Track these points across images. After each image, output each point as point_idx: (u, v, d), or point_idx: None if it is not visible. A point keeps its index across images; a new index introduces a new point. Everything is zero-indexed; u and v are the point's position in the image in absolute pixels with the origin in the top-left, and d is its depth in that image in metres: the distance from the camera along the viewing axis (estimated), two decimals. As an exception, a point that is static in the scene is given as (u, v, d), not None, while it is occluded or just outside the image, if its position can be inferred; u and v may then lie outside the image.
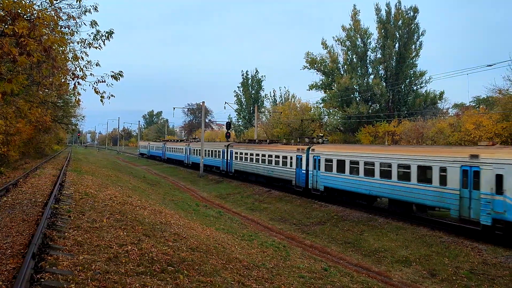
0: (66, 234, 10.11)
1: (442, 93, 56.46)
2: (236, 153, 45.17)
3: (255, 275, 11.08)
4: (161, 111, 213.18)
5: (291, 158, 33.96)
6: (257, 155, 40.09)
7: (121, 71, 12.29)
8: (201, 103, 61.06)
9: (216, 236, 16.33)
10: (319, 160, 29.91)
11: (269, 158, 37.59)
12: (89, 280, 7.17)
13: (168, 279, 8.18)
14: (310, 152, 31.31)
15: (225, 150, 48.80)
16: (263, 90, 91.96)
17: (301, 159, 32.39)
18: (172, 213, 19.61)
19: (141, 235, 11.48)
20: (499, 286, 14.53)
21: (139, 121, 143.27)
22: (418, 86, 56.39)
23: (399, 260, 17.90)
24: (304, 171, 31.79)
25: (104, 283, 7.20)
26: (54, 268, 7.55)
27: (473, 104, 61.78)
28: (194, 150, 60.25)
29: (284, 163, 35.00)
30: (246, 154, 42.55)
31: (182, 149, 66.97)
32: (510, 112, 34.34)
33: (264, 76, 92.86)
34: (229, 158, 47.30)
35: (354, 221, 24.17)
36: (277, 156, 36.35)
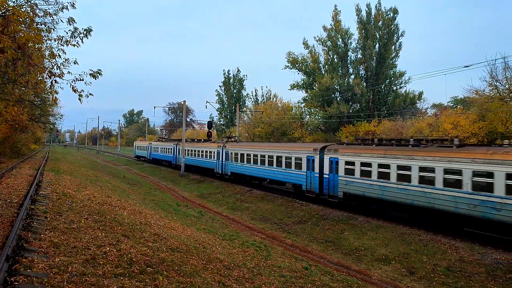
0: (42, 235, 9.88)
1: (421, 93, 57.40)
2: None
3: (236, 275, 11.04)
4: (142, 110, 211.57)
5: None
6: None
7: (100, 70, 12.09)
8: (182, 102, 60.65)
9: (196, 236, 16.22)
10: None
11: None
12: (65, 283, 7.01)
13: (147, 280, 8.07)
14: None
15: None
16: (245, 90, 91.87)
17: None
18: (152, 213, 19.40)
19: (120, 235, 11.31)
20: (475, 283, 14.83)
21: (119, 120, 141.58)
22: (397, 86, 57.18)
23: (379, 258, 18.10)
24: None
25: (81, 285, 7.05)
26: (29, 270, 7.36)
27: (451, 104, 63.10)
28: (237, 154, 40.47)
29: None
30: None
31: (212, 152, 46.75)
32: (486, 112, 35.09)
33: (246, 75, 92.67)
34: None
35: (335, 220, 24.34)
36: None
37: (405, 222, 22.12)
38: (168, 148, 64.22)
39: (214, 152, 46.65)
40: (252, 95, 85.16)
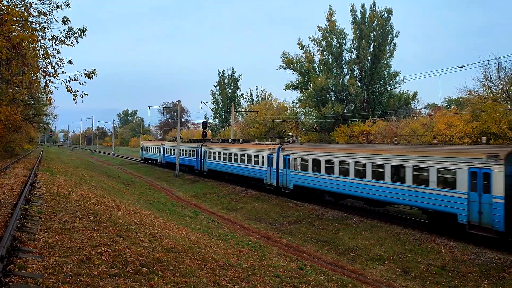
0: (36, 236, 9.85)
1: (415, 94, 57.72)
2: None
3: (231, 275, 11.05)
4: (136, 110, 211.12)
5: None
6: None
7: (95, 69, 12.07)
8: (177, 102, 60.56)
9: (191, 236, 16.22)
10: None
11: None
12: (60, 283, 6.99)
13: (142, 280, 8.06)
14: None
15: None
16: (240, 90, 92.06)
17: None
18: (147, 214, 19.37)
19: (115, 236, 11.29)
20: (469, 282, 14.92)
21: (113, 120, 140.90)
22: (392, 87, 57.46)
23: (373, 258, 18.17)
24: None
25: (76, 285, 7.04)
26: (23, 271, 7.33)
27: (445, 105, 63.44)
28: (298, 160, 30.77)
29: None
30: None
31: (262, 157, 34.75)
32: (480, 113, 35.31)
33: (241, 75, 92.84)
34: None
35: (330, 220, 24.40)
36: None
37: (400, 221, 22.21)
38: (190, 150, 52.53)
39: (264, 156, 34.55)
40: (247, 95, 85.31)
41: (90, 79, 12.02)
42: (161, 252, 10.97)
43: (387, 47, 55.96)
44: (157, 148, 67.27)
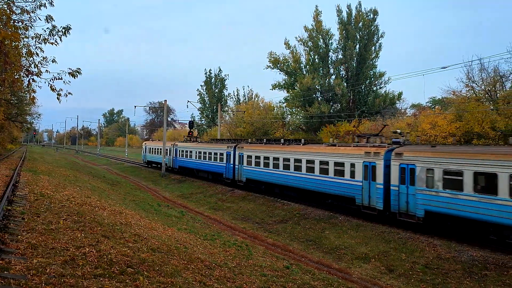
0: (19, 237, 9.71)
1: (400, 94, 58.29)
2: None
3: (217, 274, 11.04)
4: (122, 110, 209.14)
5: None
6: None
7: (79, 68, 11.95)
8: (163, 102, 60.22)
9: (178, 236, 16.16)
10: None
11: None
12: (43, 284, 6.92)
13: (127, 280, 8.01)
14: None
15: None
16: (227, 89, 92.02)
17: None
18: (132, 214, 19.24)
19: (100, 236, 11.19)
20: (451, 279, 15.16)
21: (99, 119, 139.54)
22: (377, 87, 57.97)
23: (359, 256, 18.33)
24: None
25: (59, 286, 6.96)
26: (6, 272, 7.23)
27: (429, 105, 64.21)
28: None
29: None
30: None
31: (353, 165, 24.60)
32: (463, 113, 35.84)
33: (228, 75, 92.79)
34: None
35: (316, 219, 24.54)
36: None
37: (384, 221, 22.43)
38: (215, 153, 41.05)
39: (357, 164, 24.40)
40: (234, 95, 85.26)
41: (74, 78, 11.88)
42: (147, 252, 10.91)
43: (373, 48, 56.46)
44: (167, 149, 56.14)
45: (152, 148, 62.68)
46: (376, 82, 57.47)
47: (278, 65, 60.11)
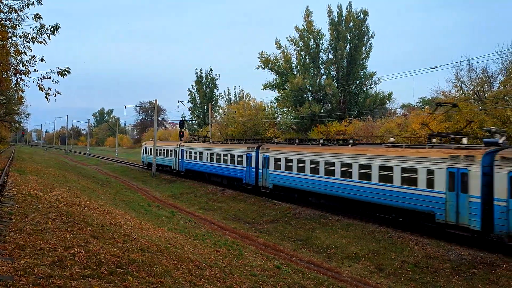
0: (6, 237, 9.60)
1: (390, 94, 58.63)
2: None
3: (207, 274, 11.02)
4: (112, 109, 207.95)
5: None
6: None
7: (68, 68, 11.85)
8: (154, 101, 59.96)
9: (168, 237, 16.10)
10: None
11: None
12: (31, 285, 6.85)
13: (116, 281, 7.96)
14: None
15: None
16: (218, 89, 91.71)
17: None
18: (122, 214, 19.13)
19: (89, 237, 11.11)
20: (440, 278, 15.30)
21: (88, 119, 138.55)
22: (368, 87, 58.25)
23: (349, 256, 18.42)
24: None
25: (47, 287, 6.90)
26: (-8, 273, 7.14)
27: (419, 105, 64.70)
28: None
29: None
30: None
31: (431, 172, 19.68)
32: (452, 113, 36.16)
33: (219, 74, 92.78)
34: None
35: (306, 218, 24.60)
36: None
37: (375, 220, 22.57)
38: (234, 155, 36.00)
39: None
40: (225, 95, 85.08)
41: (63, 77, 11.80)
42: (137, 252, 10.85)
43: (363, 48, 56.72)
44: (172, 150, 51.00)
45: (149, 148, 57.49)
46: (367, 83, 57.76)
47: (269, 65, 60.14)
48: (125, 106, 77.42)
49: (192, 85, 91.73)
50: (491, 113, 34.33)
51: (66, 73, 11.67)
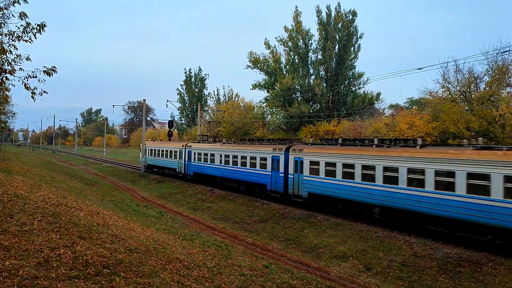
0: (-9, 238, 9.46)
1: (378, 94, 59.14)
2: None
3: (195, 274, 10.99)
4: (100, 109, 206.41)
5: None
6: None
7: (54, 67, 11.71)
8: (142, 101, 59.63)
9: (156, 237, 16.01)
10: None
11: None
12: (16, 286, 6.76)
13: (103, 282, 7.90)
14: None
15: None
16: (207, 89, 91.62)
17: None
18: (110, 214, 18.97)
19: (76, 237, 11.00)
20: (427, 276, 15.46)
21: (76, 119, 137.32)
22: (356, 87, 58.65)
23: (337, 255, 18.51)
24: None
25: (32, 289, 6.82)
26: (-24, 275, 7.04)
27: (407, 105, 65.30)
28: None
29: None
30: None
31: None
32: (439, 113, 36.56)
33: (208, 74, 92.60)
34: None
35: (295, 218, 24.66)
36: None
37: (363, 219, 22.70)
38: (255, 158, 31.57)
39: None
40: (214, 94, 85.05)
41: (50, 76, 11.65)
42: (124, 253, 10.77)
43: (352, 48, 57.11)
44: (176, 152, 45.88)
45: (155, 150, 51.55)
46: (355, 83, 58.19)
47: (258, 65, 60.24)
48: (113, 105, 77.09)
49: (181, 84, 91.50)
50: (477, 113, 34.76)
51: (52, 72, 11.53)
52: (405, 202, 20.06)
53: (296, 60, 58.66)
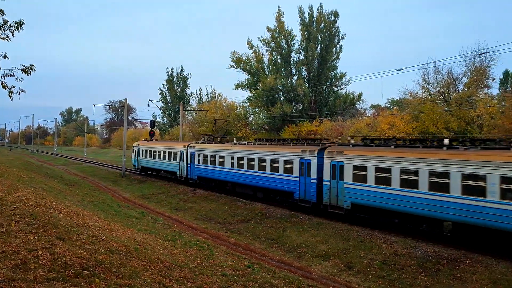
0: (-34, 240, 9.24)
1: (360, 95, 59.80)
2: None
3: (177, 275, 10.93)
4: (81, 108, 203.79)
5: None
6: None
7: (33, 65, 11.51)
8: (124, 100, 59.00)
9: (137, 237, 15.86)
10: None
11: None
12: (-8, 290, 6.63)
13: (82, 283, 7.79)
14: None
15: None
16: (189, 88, 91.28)
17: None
18: (91, 215, 18.71)
19: (55, 239, 10.81)
20: (407, 274, 15.69)
21: (56, 118, 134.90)
22: (338, 88, 59.18)
23: (319, 254, 18.63)
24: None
25: (9, 291, 6.69)
26: (-50, 278, 6.86)
27: (388, 106, 66.17)
28: None
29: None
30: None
31: None
32: (419, 113, 37.15)
33: (190, 74, 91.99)
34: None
35: (278, 218, 24.73)
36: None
37: (343, 219, 22.88)
38: (277, 161, 27.49)
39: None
40: (197, 94, 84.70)
41: (28, 75, 11.45)
42: (104, 254, 10.65)
43: (334, 49, 57.58)
44: (177, 153, 41.15)
45: (151, 151, 47.07)
46: (337, 83, 58.69)
47: (241, 64, 60.23)
48: (94, 105, 75.98)
49: (163, 84, 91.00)
50: (456, 114, 35.44)
51: (30, 70, 11.34)
52: (494, 219, 16.05)
53: (279, 60, 58.84)
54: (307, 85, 56.38)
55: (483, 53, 35.32)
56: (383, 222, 20.93)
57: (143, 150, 49.34)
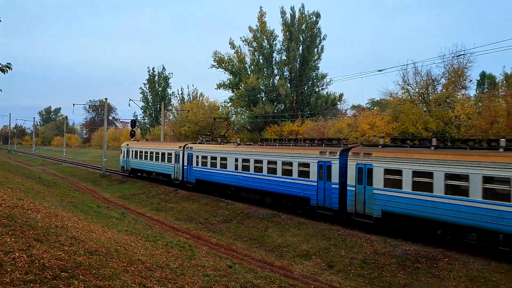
0: None
1: (341, 95, 60.21)
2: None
3: (158, 276, 10.85)
4: (60, 108, 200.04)
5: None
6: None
7: (9, 63, 11.30)
8: (104, 100, 58.24)
9: (118, 238, 15.68)
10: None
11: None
12: (-34, 293, 6.47)
13: (60, 286, 7.66)
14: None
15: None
16: (171, 88, 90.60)
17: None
18: (70, 216, 18.41)
19: (32, 240, 10.61)
20: (387, 273, 15.91)
21: (34, 117, 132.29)
22: (319, 88, 59.52)
23: (300, 254, 18.74)
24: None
25: (-15, 295, 6.54)
26: None
27: (369, 106, 66.96)
28: None
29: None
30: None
31: None
32: (399, 114, 37.67)
33: (172, 73, 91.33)
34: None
35: (259, 217, 24.77)
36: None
37: (326, 219, 23.04)
38: (290, 163, 25.20)
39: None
40: (178, 94, 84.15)
41: (4, 73, 11.25)
42: (84, 255, 10.49)
43: (315, 50, 57.84)
44: (171, 154, 38.42)
45: (142, 152, 44.13)
46: (319, 84, 58.98)
47: (223, 64, 60.02)
48: (74, 104, 74.84)
49: (144, 83, 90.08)
50: (435, 114, 36.06)
51: (7, 69, 11.13)
52: None
53: (261, 60, 58.87)
54: (289, 85, 56.56)
55: (461, 54, 36.06)
56: (421, 234, 18.80)
57: (132, 151, 46.34)
